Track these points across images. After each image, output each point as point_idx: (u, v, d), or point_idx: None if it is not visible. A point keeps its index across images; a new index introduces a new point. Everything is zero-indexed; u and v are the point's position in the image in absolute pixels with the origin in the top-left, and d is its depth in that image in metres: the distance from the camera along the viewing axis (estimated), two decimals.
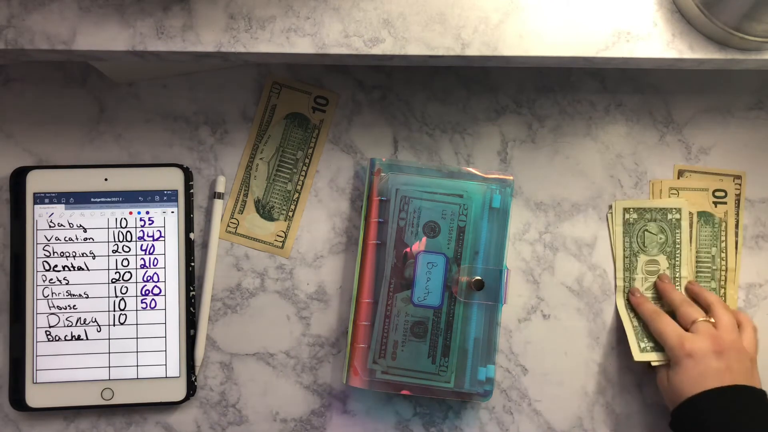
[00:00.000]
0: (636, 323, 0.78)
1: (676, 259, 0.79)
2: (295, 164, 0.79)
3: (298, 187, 0.79)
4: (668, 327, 0.74)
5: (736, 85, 0.81)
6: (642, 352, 0.77)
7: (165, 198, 0.77)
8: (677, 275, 0.79)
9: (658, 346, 0.76)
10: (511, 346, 0.79)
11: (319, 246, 0.79)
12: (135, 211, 0.77)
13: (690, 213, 0.80)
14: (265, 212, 0.79)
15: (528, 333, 0.79)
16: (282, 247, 0.78)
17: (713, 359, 0.70)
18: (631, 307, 0.78)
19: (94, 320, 0.75)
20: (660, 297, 0.78)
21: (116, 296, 0.76)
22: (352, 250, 0.79)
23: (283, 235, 0.78)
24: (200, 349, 0.76)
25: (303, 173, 0.79)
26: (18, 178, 0.76)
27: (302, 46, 0.66)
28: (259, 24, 0.66)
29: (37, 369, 0.74)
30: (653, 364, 0.76)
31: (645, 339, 0.77)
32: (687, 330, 0.73)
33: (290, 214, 0.79)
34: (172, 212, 0.77)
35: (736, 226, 0.80)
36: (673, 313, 0.76)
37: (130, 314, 0.76)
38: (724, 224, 0.80)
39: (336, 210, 0.79)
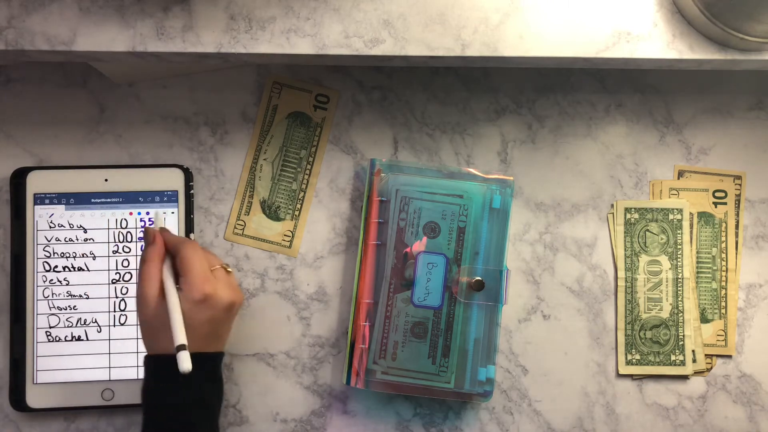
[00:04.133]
0: (629, 332, 0.78)
1: (678, 259, 0.79)
2: (299, 163, 0.79)
3: (303, 186, 0.79)
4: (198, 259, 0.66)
5: (736, 86, 0.81)
6: (627, 365, 0.77)
7: (165, 198, 0.77)
8: (679, 276, 0.79)
9: (645, 358, 0.77)
10: (511, 347, 0.79)
11: (319, 246, 0.79)
12: (135, 211, 0.77)
13: (690, 213, 0.80)
14: (272, 212, 0.79)
15: (528, 333, 0.79)
16: (290, 247, 0.78)
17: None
18: (627, 314, 0.79)
19: (94, 321, 0.76)
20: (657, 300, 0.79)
21: (116, 297, 0.76)
22: (352, 251, 0.79)
23: (290, 234, 0.78)
24: None
25: (307, 172, 0.79)
26: (18, 178, 0.76)
27: (302, 46, 0.66)
28: (259, 25, 0.66)
29: (38, 369, 0.74)
30: (634, 378, 0.77)
31: (633, 350, 0.78)
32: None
33: (296, 213, 0.79)
34: (173, 213, 0.77)
35: (736, 226, 0.80)
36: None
37: (130, 315, 0.76)
38: (724, 225, 0.80)
39: (336, 210, 0.79)
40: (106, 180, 0.77)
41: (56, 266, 0.76)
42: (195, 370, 0.61)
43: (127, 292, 0.76)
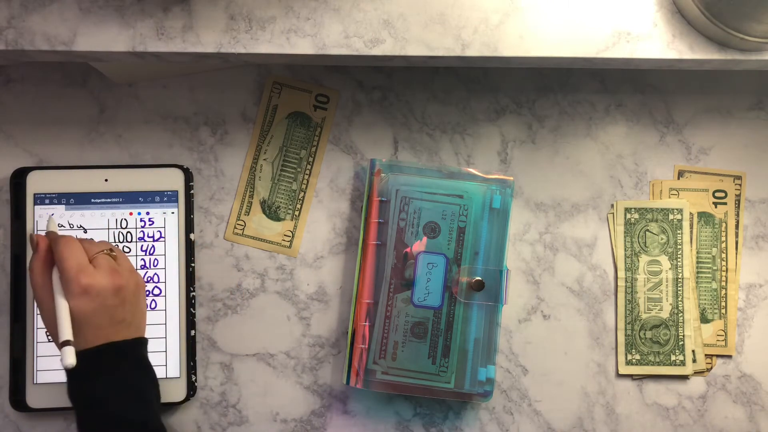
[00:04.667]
0: (629, 332, 0.78)
1: (678, 259, 0.79)
2: (299, 163, 0.79)
3: (303, 186, 0.79)
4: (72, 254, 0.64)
5: (736, 85, 0.81)
6: (627, 365, 0.78)
7: (165, 199, 0.77)
8: (679, 276, 0.79)
9: (645, 358, 0.77)
10: (512, 347, 0.79)
11: (319, 246, 0.79)
12: (135, 211, 0.77)
13: (690, 213, 0.80)
14: (272, 212, 0.79)
15: (528, 333, 0.79)
16: (290, 247, 0.78)
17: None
18: (627, 314, 0.79)
19: None
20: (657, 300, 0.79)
21: None
22: (352, 251, 0.79)
23: (290, 234, 0.78)
24: None
25: (307, 172, 0.79)
26: (18, 178, 0.76)
27: (302, 47, 0.66)
28: (260, 25, 0.66)
29: (38, 369, 0.74)
30: (634, 378, 0.77)
31: (633, 350, 0.78)
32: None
33: (296, 213, 0.79)
34: (173, 213, 0.77)
35: (737, 226, 0.80)
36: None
37: None
38: (724, 225, 0.80)
39: (336, 210, 0.79)
40: (106, 180, 0.76)
41: None
42: (114, 358, 0.61)
43: None
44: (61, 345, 0.60)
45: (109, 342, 0.63)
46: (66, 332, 0.61)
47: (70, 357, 0.60)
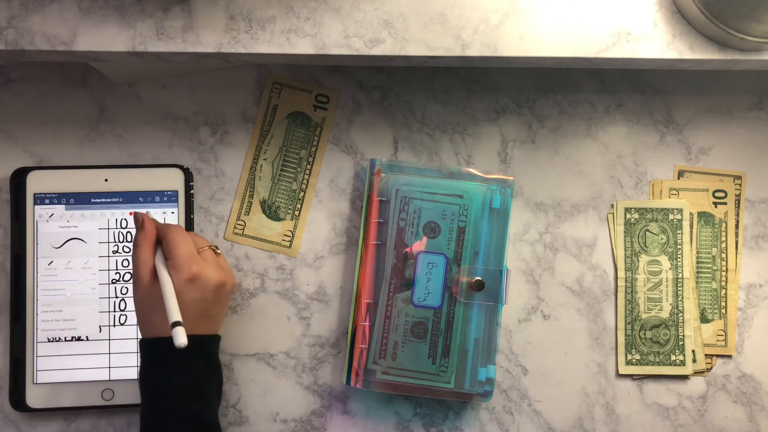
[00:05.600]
0: (629, 332, 0.78)
1: (678, 259, 0.79)
2: (299, 163, 0.79)
3: (303, 186, 0.79)
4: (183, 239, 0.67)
5: (736, 85, 0.81)
6: (627, 365, 0.77)
7: (165, 199, 0.77)
8: (679, 276, 0.79)
9: (644, 358, 0.77)
10: (512, 347, 0.79)
11: (319, 246, 0.79)
12: (135, 211, 0.77)
13: (690, 213, 0.80)
14: (272, 212, 0.79)
15: (528, 333, 0.79)
16: (290, 247, 0.78)
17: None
18: (627, 314, 0.79)
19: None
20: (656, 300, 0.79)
21: (116, 297, 0.76)
22: (352, 251, 0.79)
23: (290, 234, 0.78)
24: None
25: (307, 172, 0.79)
26: (18, 178, 0.76)
27: (302, 46, 0.66)
28: (260, 25, 0.66)
29: (38, 369, 0.74)
30: (634, 378, 0.78)
31: (633, 350, 0.78)
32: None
33: (296, 213, 0.79)
34: (173, 213, 0.77)
35: (736, 226, 0.80)
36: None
37: (130, 315, 0.76)
38: (724, 225, 0.80)
39: (336, 210, 0.79)
40: (106, 180, 0.77)
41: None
42: (189, 351, 0.61)
43: (127, 292, 0.76)
44: (173, 325, 0.61)
45: (191, 335, 0.63)
46: (176, 313, 0.62)
47: (182, 337, 0.61)
